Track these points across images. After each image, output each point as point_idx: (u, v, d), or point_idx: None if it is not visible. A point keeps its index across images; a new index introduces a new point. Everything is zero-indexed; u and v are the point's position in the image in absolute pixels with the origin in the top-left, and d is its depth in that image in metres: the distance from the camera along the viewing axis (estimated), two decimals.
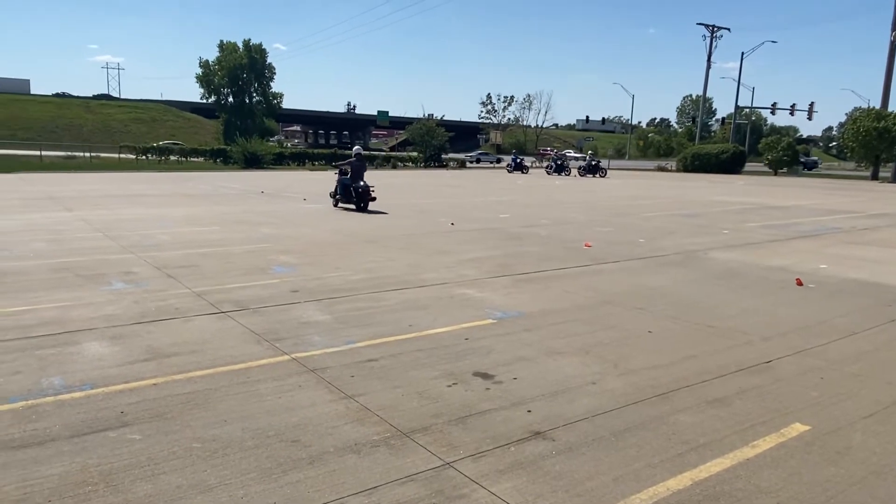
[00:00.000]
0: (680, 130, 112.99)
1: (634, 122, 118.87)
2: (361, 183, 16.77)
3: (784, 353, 5.69)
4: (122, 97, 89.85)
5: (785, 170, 52.09)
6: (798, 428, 4.20)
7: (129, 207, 16.64)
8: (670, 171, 53.05)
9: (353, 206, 17.00)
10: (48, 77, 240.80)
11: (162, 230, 12.44)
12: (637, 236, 12.95)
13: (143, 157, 44.91)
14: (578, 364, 5.26)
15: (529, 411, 4.33)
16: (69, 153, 44.46)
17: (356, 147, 18.11)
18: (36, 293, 7.18)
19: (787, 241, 12.92)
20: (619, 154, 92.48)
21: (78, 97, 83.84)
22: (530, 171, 46.82)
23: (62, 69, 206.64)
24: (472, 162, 64.51)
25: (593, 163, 42.34)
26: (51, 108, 72.74)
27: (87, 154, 44.06)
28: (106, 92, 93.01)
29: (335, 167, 19.09)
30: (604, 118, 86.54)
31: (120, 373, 4.82)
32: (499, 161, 45.47)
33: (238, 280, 8.10)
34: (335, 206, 17.60)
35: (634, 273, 9.21)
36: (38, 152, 41.70)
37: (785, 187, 33.55)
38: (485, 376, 4.93)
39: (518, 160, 46.55)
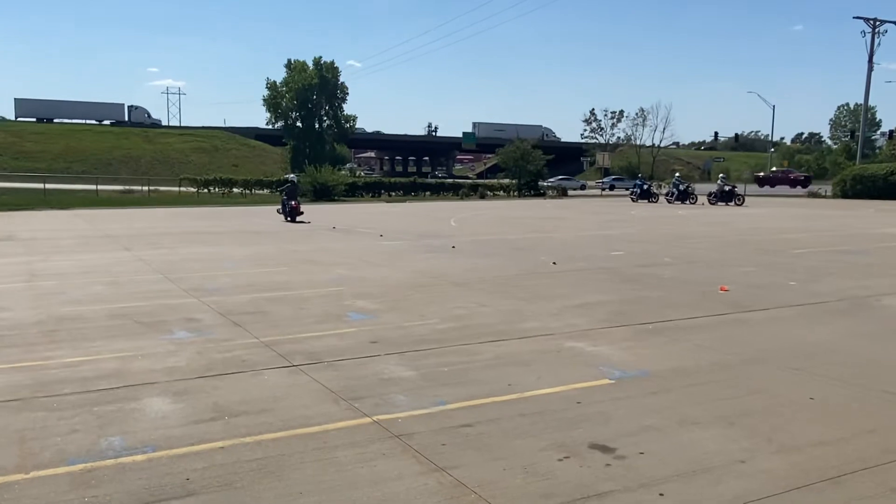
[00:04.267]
0: (835, 147, 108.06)
1: (775, 137, 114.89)
2: (292, 202, 26.35)
3: None
4: (183, 124, 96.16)
5: None
6: None
7: (190, 246, 17.63)
8: (825, 196, 50.62)
9: (289, 217, 26.11)
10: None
11: (226, 272, 13.07)
12: (787, 278, 12.39)
13: (205, 190, 47.71)
14: (721, 437, 5.03)
15: (662, 495, 4.16)
16: (126, 186, 47.96)
17: (291, 175, 32.39)
18: (94, 342, 7.69)
19: None
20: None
21: (133, 125, 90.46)
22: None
23: (120, 95, 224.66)
24: (605, 189, 64.13)
25: (726, 188, 41.03)
26: (109, 137, 78.89)
27: (146, 188, 47.31)
28: (164, 119, 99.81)
29: (279, 191, 30.34)
30: (737, 134, 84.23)
31: (184, 433, 5.05)
32: (644, 188, 44.55)
33: (310, 328, 8.35)
34: (285, 220, 25.95)
35: (787, 324, 8.79)
36: (94, 186, 45.23)
37: None
38: (604, 449, 4.80)
39: (645, 185, 45.64)
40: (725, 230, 23.12)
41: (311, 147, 71.87)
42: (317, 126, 74.77)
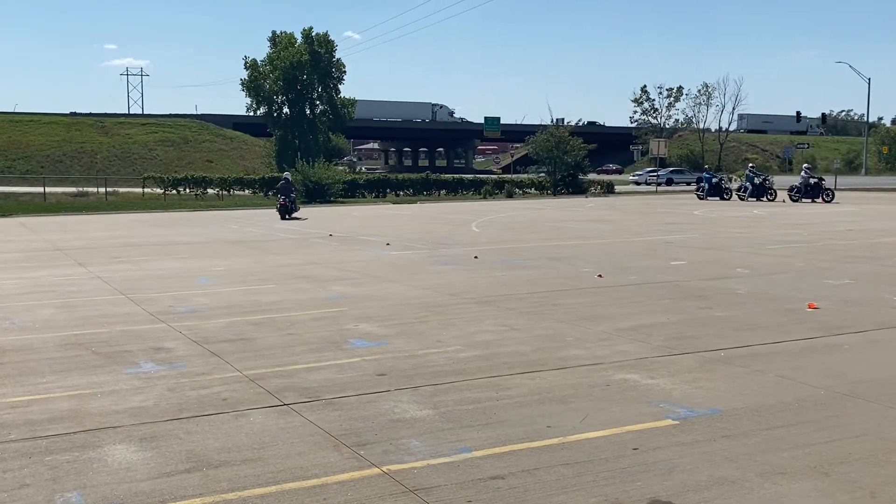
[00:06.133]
0: None
1: (872, 118, 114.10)
2: (282, 198, 31.90)
3: None
4: (146, 112, 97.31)
5: None
6: None
7: (157, 260, 17.78)
8: None
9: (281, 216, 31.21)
10: (52, 88, 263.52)
11: (201, 290, 13.18)
12: (890, 292, 12.30)
13: (174, 191, 48.17)
14: (813, 491, 4.98)
15: None
16: (80, 188, 48.54)
17: (286, 173, 36.80)
18: (44, 377, 7.77)
19: None
20: (851, 167, 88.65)
21: (88, 115, 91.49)
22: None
23: (70, 77, 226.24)
24: (661, 184, 63.82)
25: (812, 181, 40.73)
26: (58, 130, 79.77)
27: (102, 189, 47.80)
28: (125, 107, 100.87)
29: (274, 190, 38.67)
30: (824, 114, 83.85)
31: (154, 488, 5.07)
32: (714, 182, 44.32)
33: (304, 359, 8.39)
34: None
35: (892, 349, 8.71)
36: (41, 189, 45.75)
37: None
38: None
39: (714, 179, 45.43)
40: (813, 233, 22.96)
41: (301, 138, 72.17)
42: (308, 112, 75.09)
